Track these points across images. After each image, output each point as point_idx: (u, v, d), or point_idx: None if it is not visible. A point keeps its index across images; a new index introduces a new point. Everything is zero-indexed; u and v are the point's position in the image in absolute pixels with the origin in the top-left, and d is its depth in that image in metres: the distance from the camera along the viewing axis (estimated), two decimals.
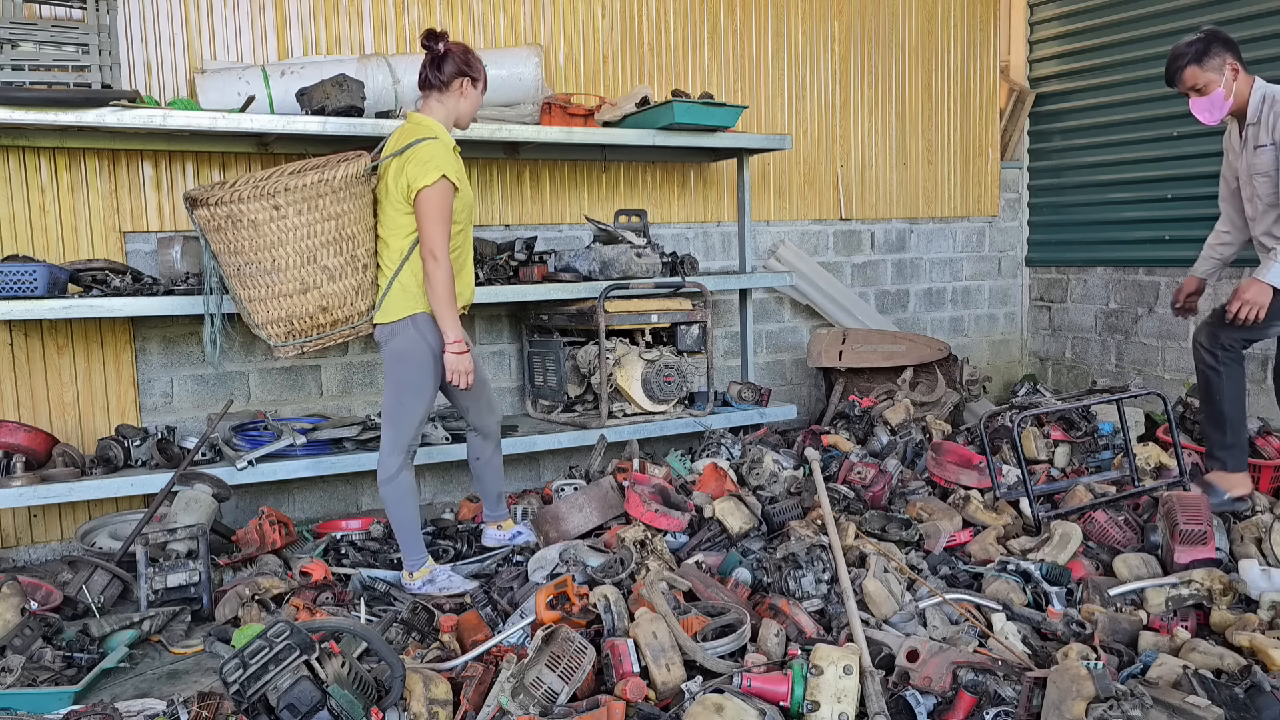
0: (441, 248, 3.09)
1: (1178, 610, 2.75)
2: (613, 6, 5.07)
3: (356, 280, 3.27)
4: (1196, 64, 3.38)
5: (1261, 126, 3.39)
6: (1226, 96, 3.39)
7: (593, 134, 4.48)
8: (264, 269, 3.25)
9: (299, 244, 3.20)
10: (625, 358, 4.52)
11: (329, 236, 3.21)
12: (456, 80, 3.21)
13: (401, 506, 3.29)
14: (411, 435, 3.27)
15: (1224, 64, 3.37)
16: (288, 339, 3.35)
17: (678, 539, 3.33)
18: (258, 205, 3.15)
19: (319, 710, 1.99)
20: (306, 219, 3.17)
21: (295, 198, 3.15)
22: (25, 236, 3.88)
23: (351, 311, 3.30)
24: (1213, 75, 3.38)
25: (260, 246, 3.21)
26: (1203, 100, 3.43)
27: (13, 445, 3.66)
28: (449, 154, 3.14)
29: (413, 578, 3.32)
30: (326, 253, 3.22)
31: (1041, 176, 6.51)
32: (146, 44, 4.06)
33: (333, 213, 3.19)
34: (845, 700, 2.13)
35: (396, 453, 3.27)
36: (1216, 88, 3.39)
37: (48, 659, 2.72)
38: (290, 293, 3.26)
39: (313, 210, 3.17)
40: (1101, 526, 3.26)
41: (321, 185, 3.14)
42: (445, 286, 3.11)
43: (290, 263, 3.22)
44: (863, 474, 3.85)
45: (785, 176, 5.66)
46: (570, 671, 2.23)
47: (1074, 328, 6.35)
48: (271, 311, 3.31)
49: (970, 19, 6.22)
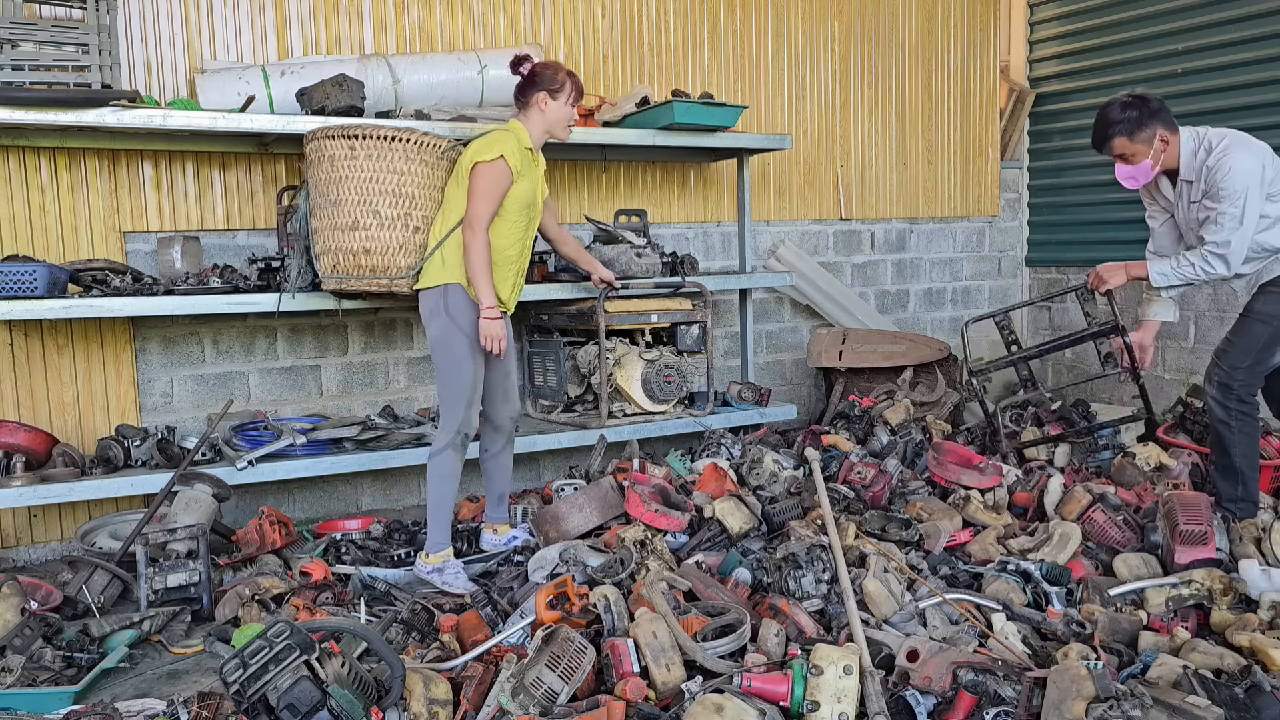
0: (481, 221, 3.25)
1: (1178, 610, 2.75)
2: (613, 6, 5.07)
3: (403, 236, 3.57)
4: (1127, 136, 3.38)
5: (1198, 185, 3.36)
6: (1153, 167, 3.40)
7: (593, 134, 4.48)
8: (330, 200, 3.62)
9: (361, 185, 3.56)
10: (625, 358, 4.52)
11: (388, 187, 3.55)
12: (536, 97, 3.41)
13: (437, 485, 3.39)
14: (460, 415, 3.36)
15: (1154, 136, 3.35)
16: (332, 272, 3.67)
17: (678, 539, 3.32)
18: (339, 143, 3.56)
19: (319, 710, 1.99)
20: (374, 166, 3.54)
21: (370, 145, 3.53)
22: (25, 236, 3.88)
23: (391, 263, 3.58)
24: (1141, 146, 3.38)
25: (331, 180, 3.60)
26: (1128, 168, 3.44)
27: (13, 445, 3.66)
28: (516, 145, 3.33)
29: (427, 560, 3.37)
30: (382, 200, 3.55)
31: (1041, 176, 6.51)
32: (146, 44, 4.06)
33: (399, 168, 3.55)
34: (845, 700, 2.13)
35: (445, 431, 3.39)
36: (1144, 159, 3.39)
37: (48, 659, 2.72)
38: (342, 227, 3.60)
39: (382, 160, 3.53)
40: (1101, 527, 3.26)
41: (395, 142, 3.52)
42: (479, 254, 3.25)
43: (348, 199, 3.58)
44: (863, 474, 3.85)
45: (785, 176, 5.66)
46: (570, 671, 2.23)
47: (1074, 328, 6.32)
48: (326, 242, 3.66)
49: (970, 19, 6.22)
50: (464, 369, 3.34)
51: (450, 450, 3.37)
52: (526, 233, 3.47)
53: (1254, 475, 3.48)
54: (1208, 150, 3.32)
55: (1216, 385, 3.45)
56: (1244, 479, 3.46)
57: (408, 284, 3.57)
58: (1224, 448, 3.47)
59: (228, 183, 4.24)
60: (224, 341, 4.31)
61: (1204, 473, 3.95)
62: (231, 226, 4.26)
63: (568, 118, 3.47)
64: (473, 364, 3.35)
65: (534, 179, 3.43)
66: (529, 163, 3.39)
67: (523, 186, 3.35)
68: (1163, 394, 5.69)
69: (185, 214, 4.16)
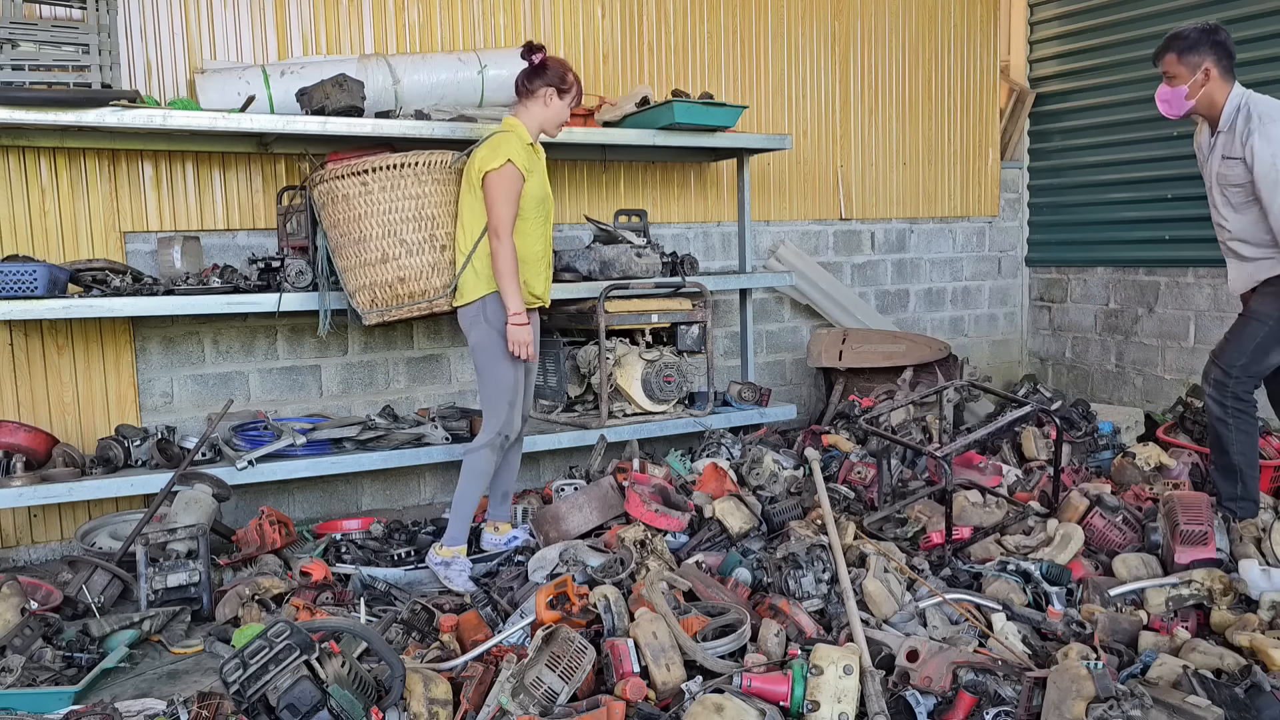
0: (505, 228, 3.28)
1: (1178, 610, 2.75)
2: (613, 6, 5.07)
3: (433, 257, 3.62)
4: (1178, 54, 3.33)
5: (1234, 138, 3.31)
6: (1187, 97, 3.34)
7: (593, 134, 4.48)
8: (353, 239, 3.66)
9: (382, 217, 3.60)
10: (625, 358, 4.52)
11: (409, 213, 3.59)
12: (543, 90, 3.41)
13: (468, 480, 3.45)
14: (502, 416, 3.42)
15: (1200, 64, 3.30)
16: (371, 307, 3.73)
17: (678, 539, 3.33)
18: (349, 182, 3.60)
19: (319, 710, 1.99)
20: (390, 196, 3.58)
21: (381, 177, 3.57)
22: (25, 236, 3.88)
23: (427, 286, 3.64)
24: (1184, 70, 3.32)
25: (350, 219, 3.63)
26: (1167, 90, 3.38)
27: (13, 445, 3.66)
28: (519, 144, 3.34)
29: (439, 552, 3.41)
30: (406, 228, 3.60)
31: (1041, 176, 6.51)
32: (146, 44, 4.06)
33: (414, 193, 3.58)
34: (845, 700, 2.13)
35: (487, 431, 3.45)
36: (1183, 85, 3.34)
37: (48, 659, 2.72)
38: (372, 262, 3.65)
39: (395, 189, 3.57)
40: (1101, 531, 3.26)
41: (405, 168, 3.56)
42: (506, 261, 3.29)
43: (373, 234, 3.62)
44: (863, 474, 3.85)
45: (785, 176, 5.66)
46: (570, 671, 2.23)
47: (1074, 328, 6.35)
48: (359, 279, 3.71)
49: (970, 19, 6.22)
50: (505, 371, 3.40)
51: (488, 450, 3.43)
52: (546, 226, 3.52)
53: (1253, 474, 3.48)
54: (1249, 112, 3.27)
55: (1213, 384, 3.46)
56: (1243, 477, 3.47)
57: (447, 302, 3.61)
58: (1222, 446, 3.48)
59: (228, 183, 4.24)
60: (224, 341, 4.31)
61: (1204, 473, 3.95)
62: (231, 226, 4.26)
63: (564, 118, 3.51)
64: (513, 367, 3.41)
65: (542, 172, 3.46)
66: (533, 158, 3.42)
67: (533, 183, 3.39)
68: (1163, 394, 5.70)
69: (185, 214, 4.16)
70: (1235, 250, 3.43)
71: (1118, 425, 4.69)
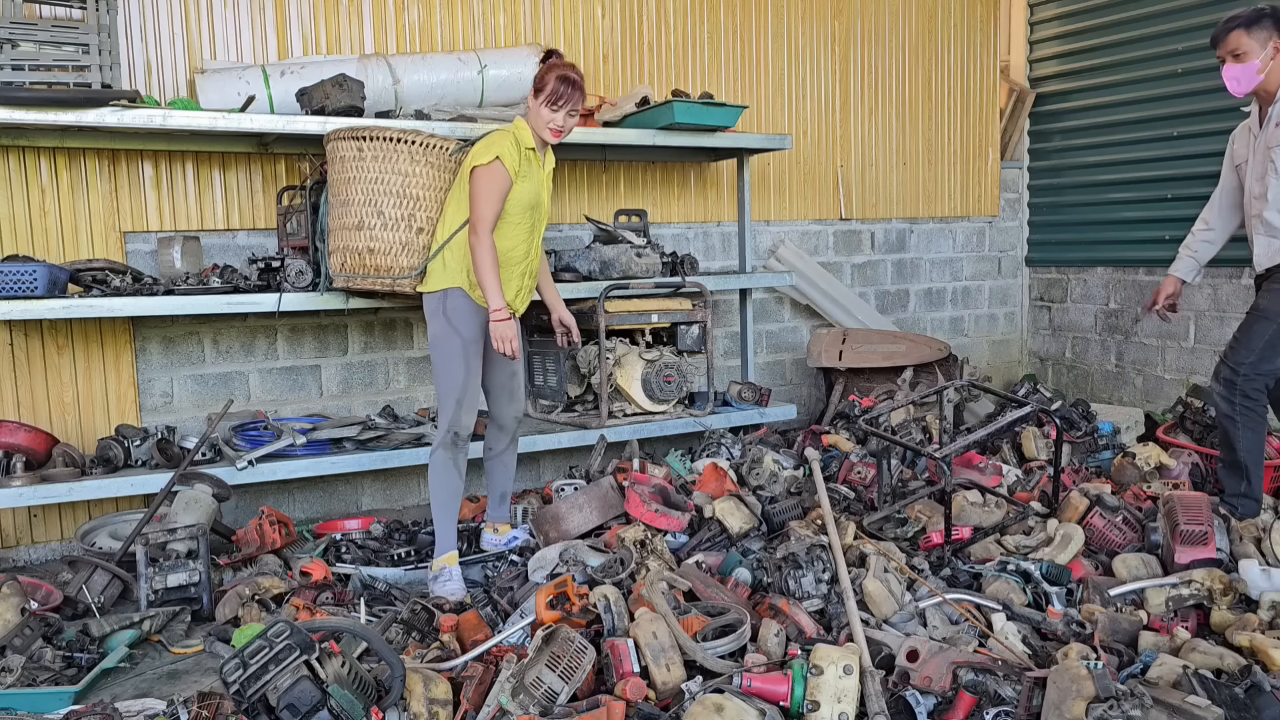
0: (484, 225, 3.22)
1: (1178, 610, 2.75)
2: (613, 6, 5.07)
3: (406, 236, 3.61)
4: (1245, 28, 3.34)
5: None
6: (1260, 71, 3.35)
7: (593, 134, 4.48)
8: (340, 200, 3.70)
9: (367, 185, 3.62)
10: (625, 358, 4.52)
11: (393, 188, 3.59)
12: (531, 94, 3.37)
13: (434, 489, 3.38)
14: (450, 414, 3.34)
15: (1269, 39, 3.33)
16: (340, 271, 3.73)
17: (678, 539, 3.33)
18: (348, 144, 3.63)
19: (319, 710, 1.99)
20: (380, 167, 3.60)
21: (376, 146, 3.59)
22: (25, 236, 3.88)
23: (394, 263, 3.62)
24: (1254, 44, 3.34)
25: (341, 180, 3.68)
26: (1237, 68, 3.38)
27: (13, 445, 3.66)
28: (514, 145, 3.30)
29: (432, 567, 3.37)
30: (387, 201, 3.60)
31: (1041, 176, 6.51)
32: (146, 44, 4.06)
33: (403, 170, 3.59)
34: (845, 700, 2.13)
35: (440, 431, 3.37)
36: (1253, 59, 3.35)
37: (48, 659, 2.72)
38: (349, 226, 3.67)
39: (387, 161, 3.59)
40: (1101, 531, 3.26)
41: (401, 144, 3.57)
42: (484, 258, 3.23)
43: (355, 199, 3.64)
44: (863, 474, 3.85)
45: (785, 176, 5.66)
46: (570, 671, 2.23)
47: (1074, 328, 6.35)
48: (336, 241, 3.73)
49: (970, 19, 6.22)
50: (456, 369, 3.33)
51: (441, 450, 3.36)
52: (532, 234, 3.44)
53: (1259, 472, 3.50)
54: None
55: (1223, 382, 3.47)
56: (1249, 475, 3.48)
57: (410, 284, 3.58)
58: (1230, 443, 3.49)
59: (228, 183, 4.24)
60: (224, 341, 4.31)
61: (1204, 472, 3.95)
62: (231, 226, 4.26)
63: (547, 120, 3.33)
64: (464, 365, 3.33)
65: (537, 180, 3.39)
66: (531, 163, 3.36)
67: (524, 188, 3.33)
68: (1163, 394, 5.70)
69: (185, 214, 4.16)
70: (1270, 222, 3.43)
71: (1118, 425, 4.69)
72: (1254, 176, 3.50)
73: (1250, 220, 3.54)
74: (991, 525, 3.34)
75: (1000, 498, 3.50)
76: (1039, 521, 3.35)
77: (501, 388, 3.57)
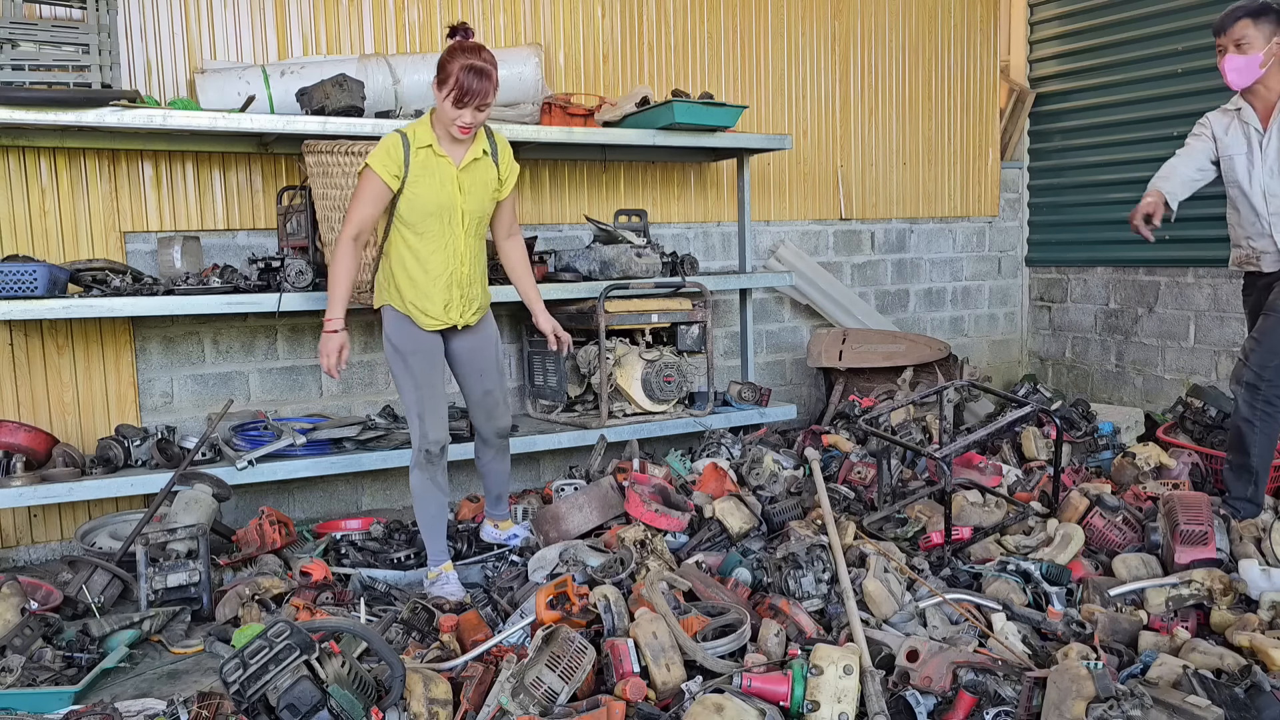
0: (345, 229, 3.11)
1: (1178, 610, 2.75)
2: (613, 6, 5.07)
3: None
4: (1251, 18, 3.31)
5: None
6: (1261, 65, 3.33)
7: (593, 134, 4.48)
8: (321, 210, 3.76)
9: (321, 200, 3.73)
10: (625, 358, 4.52)
11: (336, 201, 3.63)
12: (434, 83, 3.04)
13: (418, 509, 3.32)
14: (416, 430, 3.25)
15: (1273, 34, 3.31)
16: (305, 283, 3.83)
17: (678, 539, 3.32)
18: (311, 158, 3.71)
19: (319, 710, 1.99)
20: (324, 181, 3.68)
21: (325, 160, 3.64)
22: (25, 236, 3.88)
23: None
24: (1259, 36, 3.31)
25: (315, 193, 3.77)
26: (1239, 59, 3.34)
27: (13, 445, 3.66)
28: (395, 145, 3.06)
29: (428, 575, 3.34)
30: (336, 215, 3.63)
31: (1041, 176, 6.51)
32: (146, 44, 4.06)
33: (339, 184, 3.60)
34: (845, 700, 2.13)
35: (413, 449, 3.29)
36: (1257, 51, 3.32)
37: (48, 659, 2.72)
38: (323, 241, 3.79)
39: (328, 176, 3.65)
40: (1101, 532, 3.26)
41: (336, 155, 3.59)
42: (334, 264, 3.14)
43: (321, 214, 3.74)
44: (863, 474, 3.85)
45: (785, 176, 5.66)
46: (570, 671, 2.23)
47: (1074, 328, 6.35)
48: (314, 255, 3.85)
49: (970, 19, 6.22)
50: (406, 385, 3.25)
51: (417, 469, 3.28)
52: (451, 242, 3.15)
53: (1266, 477, 3.49)
54: None
55: (1246, 385, 3.43)
56: (1256, 479, 3.47)
57: (362, 299, 3.59)
58: (1243, 446, 3.46)
59: (228, 183, 4.24)
60: (224, 341, 4.31)
61: (1204, 473, 3.95)
62: (231, 226, 4.26)
63: (453, 117, 2.99)
64: (412, 380, 3.22)
65: (441, 181, 3.08)
66: (430, 164, 3.07)
67: (420, 192, 3.06)
68: (1163, 394, 5.70)
69: (185, 214, 4.16)
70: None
71: (1118, 425, 4.69)
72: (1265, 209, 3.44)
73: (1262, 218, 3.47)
74: (991, 525, 3.34)
75: (1000, 498, 3.50)
76: (1039, 521, 3.35)
77: (477, 405, 3.48)
